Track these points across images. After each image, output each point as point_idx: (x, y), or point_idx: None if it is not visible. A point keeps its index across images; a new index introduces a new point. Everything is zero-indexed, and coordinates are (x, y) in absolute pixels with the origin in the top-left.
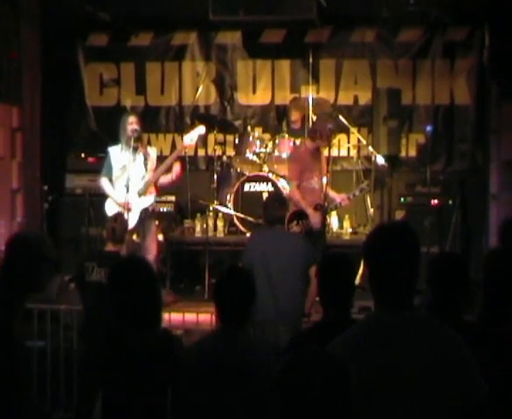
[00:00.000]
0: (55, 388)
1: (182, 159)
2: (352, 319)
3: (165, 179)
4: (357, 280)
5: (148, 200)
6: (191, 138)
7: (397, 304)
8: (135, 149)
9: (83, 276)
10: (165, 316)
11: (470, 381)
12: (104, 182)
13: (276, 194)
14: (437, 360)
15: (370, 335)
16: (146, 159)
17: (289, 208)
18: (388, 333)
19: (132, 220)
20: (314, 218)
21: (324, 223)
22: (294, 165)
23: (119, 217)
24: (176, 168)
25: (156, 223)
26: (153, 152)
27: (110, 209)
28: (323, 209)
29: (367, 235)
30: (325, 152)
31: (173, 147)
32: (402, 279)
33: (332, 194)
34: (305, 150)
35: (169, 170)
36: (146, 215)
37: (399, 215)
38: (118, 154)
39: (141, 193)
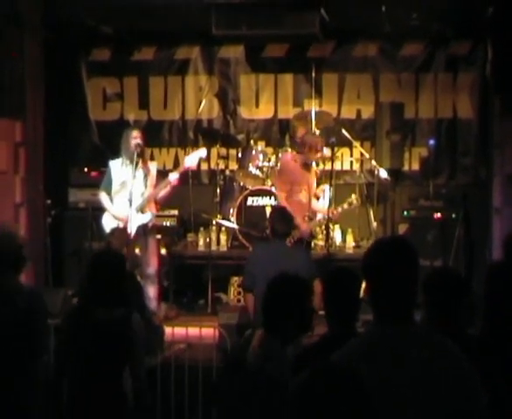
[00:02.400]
0: (58, 401)
1: (184, 172)
2: (358, 333)
3: (164, 191)
4: (361, 294)
5: (146, 217)
6: (192, 160)
7: (396, 318)
8: (136, 165)
9: None
10: (168, 330)
11: (471, 394)
12: (103, 196)
13: (283, 208)
14: (438, 374)
15: (370, 350)
16: (146, 175)
17: None
18: (388, 348)
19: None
20: (304, 227)
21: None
22: (283, 178)
23: (116, 232)
24: (174, 177)
25: (158, 237)
26: (153, 167)
27: (107, 223)
28: (313, 220)
29: (366, 250)
30: (318, 167)
31: (176, 161)
32: (401, 294)
33: (320, 208)
34: (294, 164)
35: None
36: (145, 231)
37: (402, 228)
38: (118, 169)
39: (140, 209)
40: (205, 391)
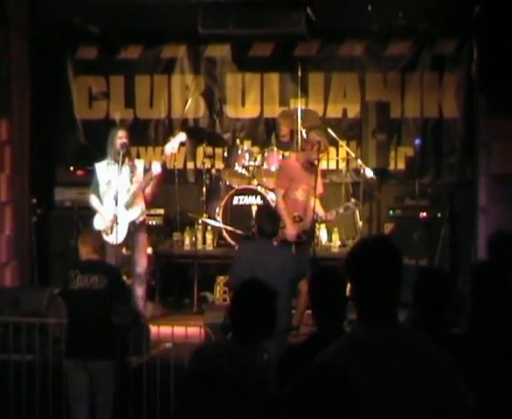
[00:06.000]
0: (44, 401)
1: (170, 171)
2: (345, 332)
3: (150, 186)
4: (347, 293)
5: (136, 212)
6: (173, 146)
7: (380, 318)
8: (122, 162)
9: (67, 285)
10: (154, 329)
11: (455, 394)
12: (93, 199)
13: (270, 207)
14: (421, 375)
15: (353, 351)
16: (132, 172)
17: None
18: (371, 349)
19: (120, 233)
20: (290, 230)
21: (312, 236)
22: (283, 174)
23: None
24: (157, 168)
25: (146, 235)
26: (140, 165)
27: (98, 224)
28: (303, 221)
29: (349, 250)
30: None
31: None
32: (385, 294)
33: (318, 210)
34: (295, 161)
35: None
36: (134, 227)
37: (388, 228)
38: (104, 170)
39: (128, 205)
40: None
